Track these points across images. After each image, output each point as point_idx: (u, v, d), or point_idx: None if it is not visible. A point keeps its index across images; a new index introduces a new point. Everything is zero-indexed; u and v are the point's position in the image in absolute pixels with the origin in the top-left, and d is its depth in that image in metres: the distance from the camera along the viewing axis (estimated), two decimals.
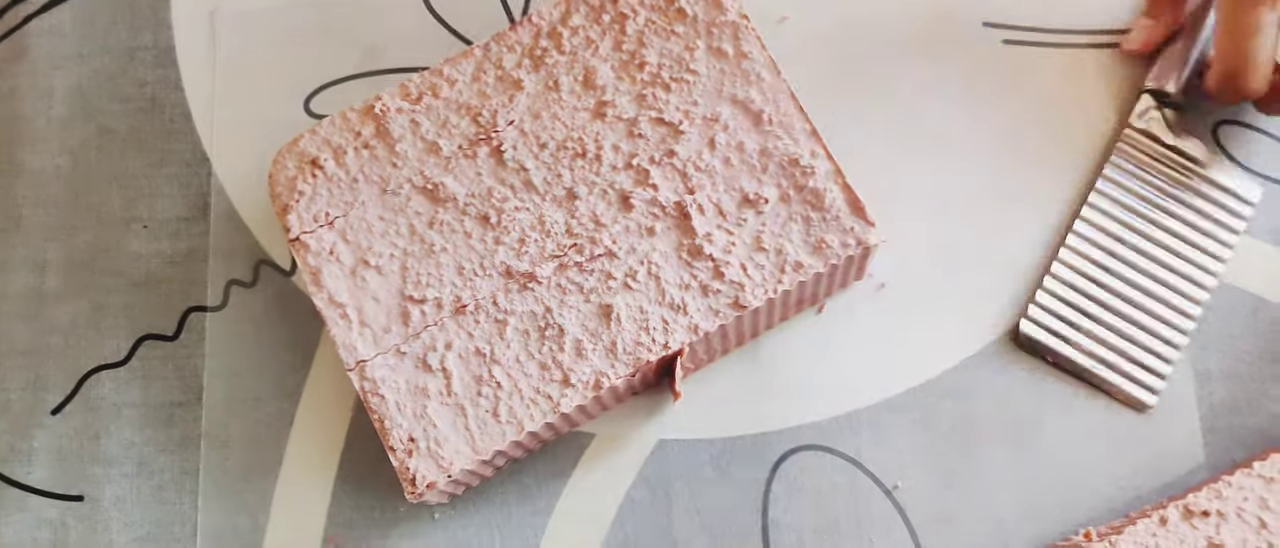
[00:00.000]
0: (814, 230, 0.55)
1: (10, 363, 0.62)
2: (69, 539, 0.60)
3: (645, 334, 0.54)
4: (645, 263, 0.55)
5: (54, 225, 0.64)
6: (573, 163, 0.57)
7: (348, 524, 0.59)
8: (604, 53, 0.58)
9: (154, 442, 0.61)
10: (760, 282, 0.55)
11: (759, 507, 0.58)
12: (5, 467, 0.61)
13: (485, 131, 0.57)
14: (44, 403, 0.61)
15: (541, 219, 0.56)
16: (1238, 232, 0.60)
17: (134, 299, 0.63)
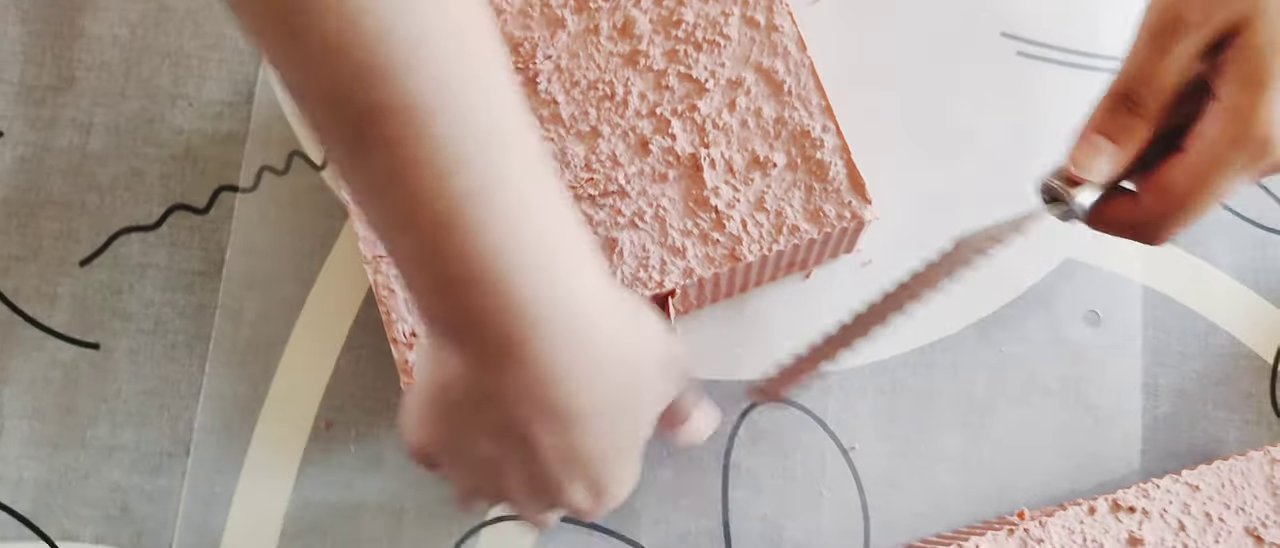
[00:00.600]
0: (814, 199, 0.59)
1: (46, 212, 0.66)
2: (80, 381, 0.64)
3: (644, 271, 0.58)
4: (654, 206, 0.59)
5: (105, 91, 0.67)
6: (600, 103, 0.61)
7: (340, 407, 0.63)
8: (645, 6, 0.62)
9: (172, 305, 0.65)
10: (757, 239, 0.59)
11: (723, 448, 0.62)
12: (29, 307, 0.65)
13: (524, 62, 0.61)
14: (73, 254, 0.65)
15: (564, 151, 0.60)
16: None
17: (171, 170, 0.66)
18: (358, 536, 0.61)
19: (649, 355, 0.46)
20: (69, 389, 0.63)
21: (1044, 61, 0.68)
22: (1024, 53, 0.68)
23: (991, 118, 0.67)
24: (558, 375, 0.42)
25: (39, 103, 0.67)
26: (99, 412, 0.63)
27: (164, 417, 0.63)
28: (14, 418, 0.63)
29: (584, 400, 0.43)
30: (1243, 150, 0.44)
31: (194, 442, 0.63)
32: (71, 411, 0.63)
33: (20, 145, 0.67)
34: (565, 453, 0.44)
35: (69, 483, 0.62)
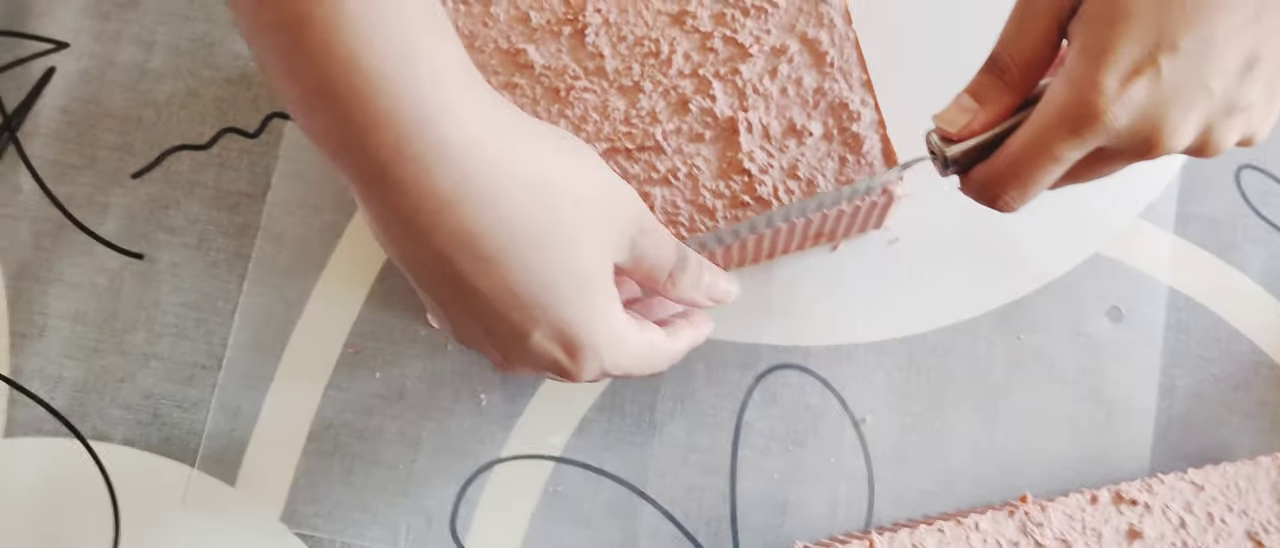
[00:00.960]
0: (847, 171, 0.60)
1: (104, 124, 0.68)
2: (123, 289, 0.66)
3: (671, 226, 0.59)
4: (688, 164, 0.60)
5: (169, 10, 0.69)
6: (645, 60, 0.62)
7: (369, 335, 0.65)
8: None
9: (216, 222, 0.67)
10: (787, 204, 0.60)
11: (737, 408, 0.64)
12: (81, 213, 0.67)
13: (573, 14, 0.62)
14: (127, 166, 0.67)
15: (605, 104, 0.61)
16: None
17: (226, 93, 0.68)
18: (375, 461, 0.63)
19: (568, 179, 0.45)
20: (112, 296, 0.66)
21: None
22: None
23: None
24: (444, 196, 0.41)
25: (105, 17, 0.69)
26: (138, 320, 0.65)
27: (200, 330, 0.65)
28: (57, 318, 0.65)
29: (487, 224, 0.42)
30: (1072, 115, 0.45)
31: (227, 357, 0.65)
32: (113, 316, 0.65)
33: (84, 57, 0.69)
34: (499, 292, 0.44)
35: (105, 386, 0.65)
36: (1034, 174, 0.47)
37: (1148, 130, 0.45)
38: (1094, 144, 0.46)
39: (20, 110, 0.68)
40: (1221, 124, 0.46)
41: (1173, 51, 0.43)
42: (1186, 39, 0.43)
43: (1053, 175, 0.47)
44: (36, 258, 0.66)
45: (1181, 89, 0.44)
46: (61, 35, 0.69)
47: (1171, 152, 0.46)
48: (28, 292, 0.66)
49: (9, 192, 0.67)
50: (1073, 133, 0.45)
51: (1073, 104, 0.45)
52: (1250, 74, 0.44)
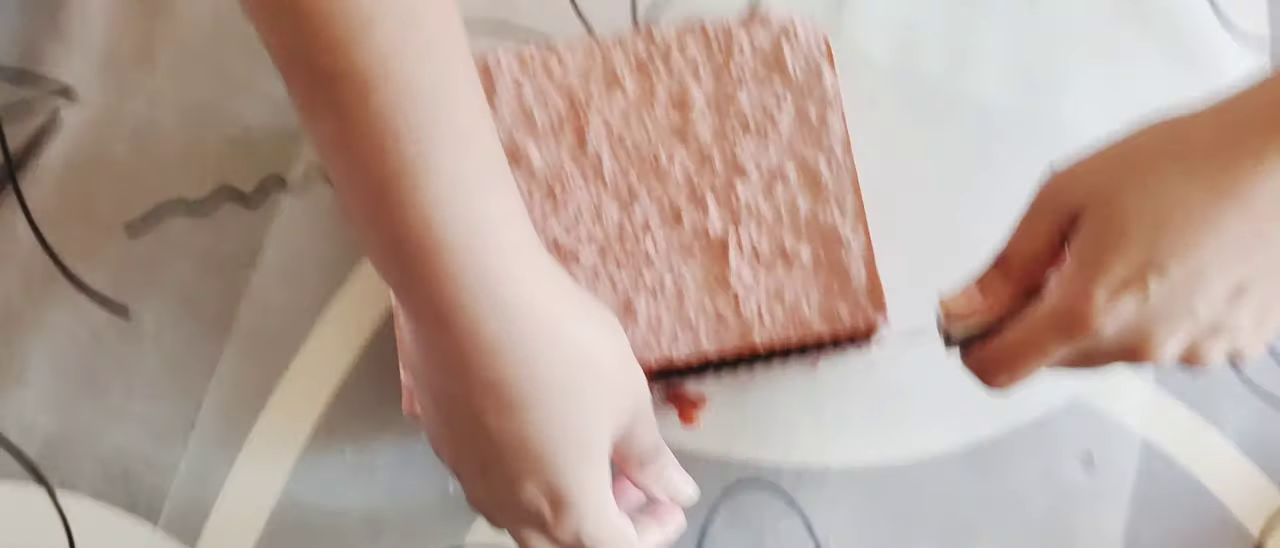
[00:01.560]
0: (831, 299, 0.61)
1: (104, 176, 0.68)
2: (106, 344, 0.66)
3: (654, 338, 0.60)
4: (675, 277, 0.61)
5: (180, 69, 0.70)
6: (643, 168, 0.62)
7: (343, 412, 0.65)
8: (704, 82, 0.64)
9: (204, 285, 0.67)
10: (769, 328, 0.60)
11: (701, 521, 0.64)
12: (72, 264, 0.67)
13: (577, 116, 0.63)
14: (122, 220, 0.68)
15: (599, 208, 0.62)
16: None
17: (227, 156, 0.69)
18: (337, 539, 0.63)
19: (598, 352, 0.47)
20: (93, 349, 0.66)
21: None
22: None
23: None
24: (489, 347, 0.44)
25: (117, 70, 0.70)
26: (117, 376, 0.66)
27: (177, 391, 0.65)
28: (38, 367, 0.66)
29: (521, 378, 0.45)
30: (1062, 320, 0.47)
31: (199, 420, 0.65)
32: (92, 370, 0.66)
33: (91, 108, 0.69)
34: (511, 439, 0.46)
35: (77, 438, 0.65)
36: (1024, 364, 0.49)
37: (1133, 342, 0.47)
38: (1082, 348, 0.48)
39: (23, 154, 0.69)
40: (1207, 343, 0.47)
41: (1162, 275, 0.45)
42: (1176, 265, 0.45)
43: (1040, 367, 0.49)
44: (24, 304, 0.66)
45: (1168, 310, 0.46)
46: (72, 83, 0.70)
47: (1157, 362, 0.48)
48: (11, 337, 0.66)
49: (4, 235, 0.67)
50: (1062, 335, 0.47)
51: (1064, 311, 0.47)
52: (1238, 301, 0.46)
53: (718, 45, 0.64)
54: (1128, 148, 0.48)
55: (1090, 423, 0.66)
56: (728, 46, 0.64)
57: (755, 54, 0.64)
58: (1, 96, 0.69)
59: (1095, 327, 0.46)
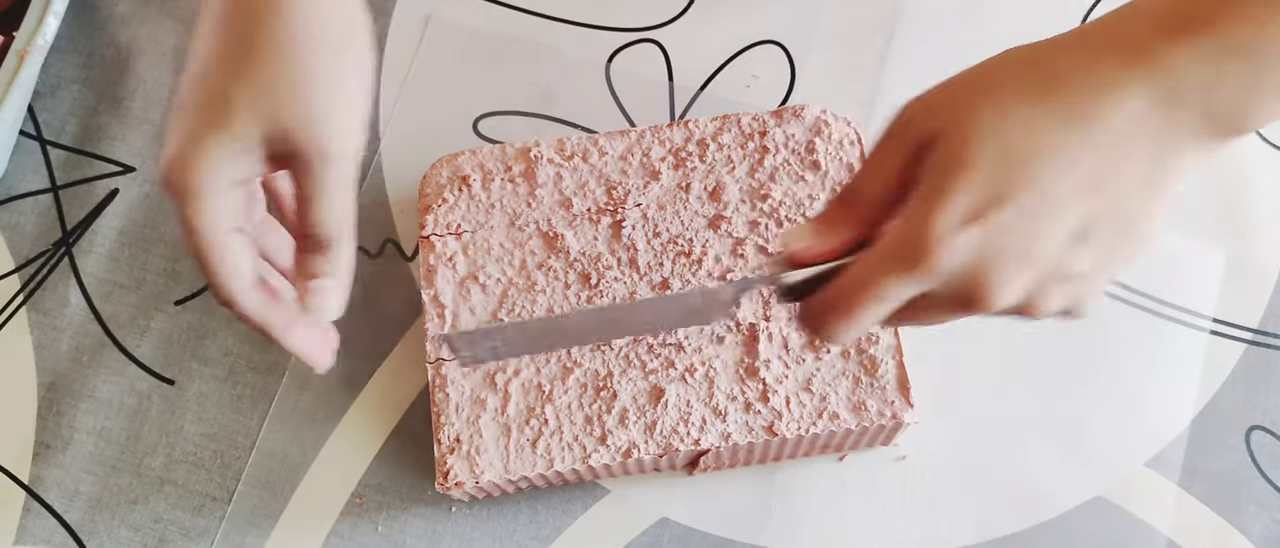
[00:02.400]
0: (859, 391, 0.62)
1: (156, 249, 0.71)
2: (149, 413, 0.68)
3: (684, 425, 0.61)
4: (706, 365, 0.62)
5: None
6: (676, 258, 0.64)
7: (377, 488, 0.66)
8: (738, 175, 0.65)
9: (247, 358, 0.69)
10: (797, 417, 0.61)
11: None
12: (121, 333, 0.69)
13: (614, 205, 0.65)
14: (171, 292, 0.70)
15: (633, 295, 0.63)
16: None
17: None
18: None
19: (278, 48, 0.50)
20: (138, 417, 0.68)
21: (1115, 299, 0.69)
22: None
23: (1050, 342, 0.68)
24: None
25: None
26: (160, 444, 0.67)
27: (217, 462, 0.67)
28: (83, 433, 0.67)
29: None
30: (901, 253, 0.44)
31: (238, 491, 0.66)
32: (136, 438, 0.67)
33: (147, 183, 0.72)
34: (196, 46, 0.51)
35: (118, 504, 0.66)
36: (860, 306, 0.46)
37: (972, 280, 0.44)
38: (920, 284, 0.44)
39: (80, 227, 0.71)
40: (1047, 288, 0.45)
41: (1006, 207, 0.43)
42: (1021, 198, 0.43)
43: (878, 312, 0.46)
44: (72, 371, 0.68)
45: (1011, 245, 0.43)
46: (130, 159, 0.72)
47: (994, 307, 0.45)
48: (59, 403, 0.68)
49: (57, 304, 0.70)
50: (901, 269, 0.44)
51: (904, 241, 0.44)
52: (1082, 244, 0.44)
53: (753, 138, 0.66)
54: (982, 73, 0.46)
55: (1115, 522, 0.66)
56: (762, 140, 0.66)
57: (789, 147, 0.66)
58: (61, 170, 0.72)
59: (935, 260, 0.43)
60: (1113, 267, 0.46)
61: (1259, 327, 0.69)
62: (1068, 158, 0.43)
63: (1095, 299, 0.47)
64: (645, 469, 0.65)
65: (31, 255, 0.71)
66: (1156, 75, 0.43)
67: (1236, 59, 0.42)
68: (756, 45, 0.74)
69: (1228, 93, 0.43)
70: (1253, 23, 0.42)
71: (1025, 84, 0.44)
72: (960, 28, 0.74)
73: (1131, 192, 0.44)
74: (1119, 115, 0.43)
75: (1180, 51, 0.42)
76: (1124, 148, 0.43)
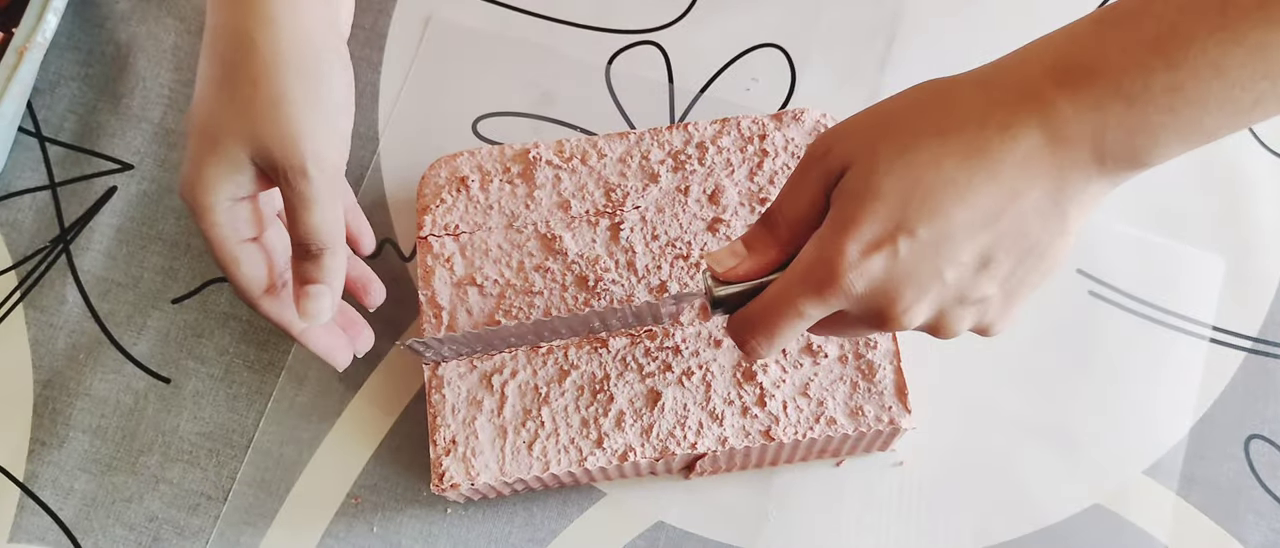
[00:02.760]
0: (857, 396, 0.61)
1: (154, 247, 0.71)
2: (145, 411, 0.68)
3: (680, 429, 0.61)
4: (703, 369, 0.62)
5: None
6: (674, 261, 0.64)
7: (372, 488, 0.66)
8: (737, 178, 0.65)
9: (244, 357, 0.69)
10: (794, 422, 0.61)
11: None
12: (118, 331, 0.69)
13: (613, 207, 0.65)
14: (169, 291, 0.70)
15: (631, 298, 0.63)
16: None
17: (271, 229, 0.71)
18: None
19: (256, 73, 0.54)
20: (134, 416, 0.68)
21: (1115, 305, 0.69)
22: (1096, 293, 0.70)
23: (1049, 349, 0.68)
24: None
25: (171, 146, 0.72)
26: (155, 443, 0.67)
27: (212, 460, 0.67)
28: (78, 431, 0.67)
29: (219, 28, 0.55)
30: (814, 276, 0.48)
31: (233, 491, 0.66)
32: (131, 436, 0.67)
33: (145, 181, 0.72)
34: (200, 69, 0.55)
35: (113, 503, 0.66)
36: (779, 324, 0.50)
37: (882, 302, 0.48)
38: (833, 305, 0.48)
39: (77, 224, 0.71)
40: (954, 311, 0.49)
41: (911, 236, 0.46)
42: (924, 228, 0.46)
43: (797, 329, 0.50)
44: (69, 369, 0.68)
45: (916, 271, 0.47)
46: (128, 157, 0.72)
47: (904, 327, 0.48)
48: (55, 401, 0.68)
49: (54, 301, 0.70)
50: (815, 292, 0.48)
51: (817, 265, 0.48)
52: (985, 271, 0.47)
53: (752, 142, 0.66)
54: (892, 108, 0.49)
55: (1113, 531, 0.65)
56: (762, 143, 0.66)
57: (789, 151, 0.65)
58: (60, 167, 0.72)
59: (845, 284, 0.47)
60: (1019, 292, 0.49)
61: (1259, 335, 0.69)
62: (968, 191, 0.46)
63: (1005, 321, 0.50)
64: (641, 473, 0.65)
65: (29, 252, 0.71)
66: (1047, 119, 0.46)
67: (1120, 104, 0.45)
68: (757, 48, 0.74)
69: (1115, 134, 0.45)
70: (1136, 71, 0.44)
71: (930, 120, 0.47)
72: (960, 32, 0.74)
73: (1030, 222, 0.47)
74: (1014, 154, 0.46)
75: (1067, 96, 0.45)
76: (1019, 183, 0.46)
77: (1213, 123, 0.45)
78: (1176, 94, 0.44)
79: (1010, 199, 0.46)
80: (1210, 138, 0.46)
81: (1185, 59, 0.44)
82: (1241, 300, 0.69)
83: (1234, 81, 0.44)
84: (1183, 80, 0.44)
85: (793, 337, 0.50)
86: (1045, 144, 0.46)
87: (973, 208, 0.46)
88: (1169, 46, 0.44)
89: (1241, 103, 0.44)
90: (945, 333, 0.50)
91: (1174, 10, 0.44)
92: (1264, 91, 0.44)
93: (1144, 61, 0.44)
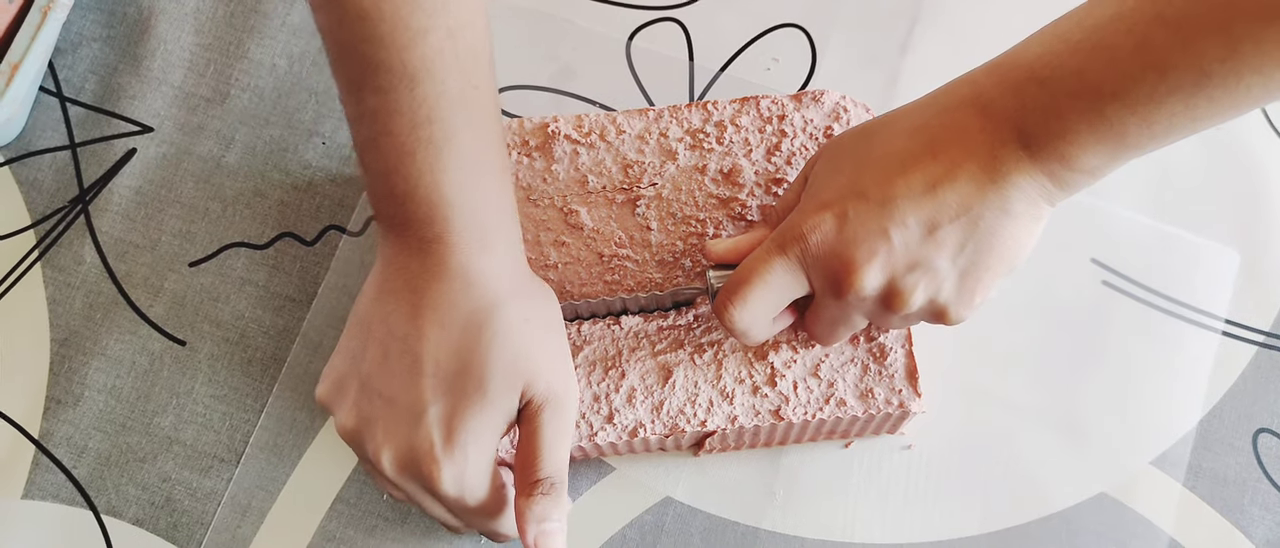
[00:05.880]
0: (867, 379, 0.62)
1: (172, 210, 0.71)
2: (160, 373, 0.68)
3: (690, 406, 0.61)
4: (715, 347, 0.62)
5: (252, 112, 0.73)
6: (689, 238, 0.64)
7: None
8: (755, 158, 0.65)
9: (259, 322, 0.69)
10: (804, 402, 0.61)
11: None
12: (134, 293, 0.70)
13: (630, 184, 0.65)
14: (186, 254, 0.70)
15: (644, 274, 0.63)
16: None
17: (290, 198, 0.71)
18: None
19: (523, 327, 0.55)
20: (149, 377, 0.68)
21: (1128, 295, 0.69)
22: (1110, 283, 0.70)
23: (1061, 338, 0.68)
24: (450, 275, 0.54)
25: (192, 109, 0.73)
26: (169, 404, 0.68)
27: (225, 424, 0.67)
28: (94, 390, 0.68)
29: (460, 304, 0.54)
30: (781, 236, 0.55)
31: (246, 454, 0.67)
32: (146, 397, 0.68)
33: (165, 144, 0.72)
34: (430, 359, 0.54)
35: (126, 463, 0.67)
36: (749, 283, 0.56)
37: (836, 264, 0.54)
38: (792, 265, 0.55)
39: (97, 185, 0.71)
40: (905, 278, 0.54)
41: (860, 200, 0.53)
42: (872, 190, 0.53)
43: (765, 297, 0.56)
44: (85, 329, 0.69)
45: (864, 230, 0.53)
46: (148, 120, 0.73)
47: (861, 289, 0.54)
48: (71, 360, 0.68)
49: (72, 261, 0.70)
50: (778, 248, 0.55)
51: (785, 228, 0.55)
52: (931, 238, 0.53)
53: (771, 122, 0.66)
54: (868, 121, 0.58)
55: (1118, 519, 0.66)
56: (780, 123, 0.66)
57: (807, 132, 0.66)
58: (80, 127, 0.72)
59: (803, 239, 0.54)
60: (974, 275, 0.54)
61: (1271, 329, 0.69)
62: (908, 159, 0.53)
63: (963, 306, 0.55)
64: (651, 449, 0.65)
65: (48, 212, 0.71)
66: (976, 98, 0.53)
67: (1034, 85, 0.51)
68: (778, 28, 0.74)
69: (1032, 116, 0.51)
70: (1048, 57, 0.51)
71: (889, 117, 0.56)
72: (982, 17, 0.73)
73: (968, 193, 0.52)
74: (948, 129, 0.53)
75: (993, 79, 0.53)
76: (956, 154, 0.52)
77: (1123, 120, 0.49)
78: (1080, 77, 0.49)
79: (947, 169, 0.52)
80: (1133, 145, 0.50)
81: (1094, 51, 0.49)
82: (1255, 294, 0.69)
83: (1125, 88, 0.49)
84: (1083, 64, 0.49)
85: (763, 308, 0.56)
86: (975, 118, 0.52)
87: (913, 173, 0.53)
88: (1079, 42, 0.50)
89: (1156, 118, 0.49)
90: (900, 303, 0.54)
91: (1089, 27, 0.50)
92: (1176, 111, 0.49)
93: (1054, 48, 0.50)
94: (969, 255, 0.54)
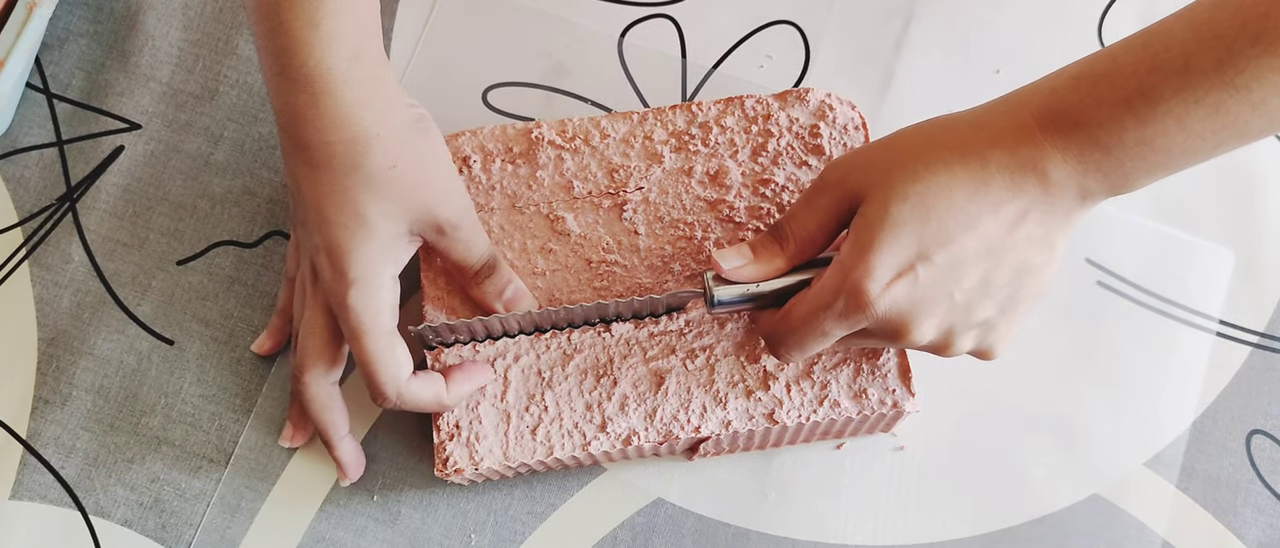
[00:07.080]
0: (861, 379, 0.61)
1: (160, 208, 0.71)
2: (148, 372, 0.68)
3: (683, 412, 0.61)
4: (707, 351, 0.62)
5: (240, 109, 0.72)
6: (677, 242, 0.63)
7: (374, 457, 0.66)
8: (741, 158, 0.65)
9: (248, 321, 0.69)
10: (797, 405, 0.61)
11: None
12: (123, 292, 0.69)
13: (616, 188, 0.64)
14: (174, 252, 0.70)
15: (633, 279, 0.63)
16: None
17: (280, 197, 0.71)
18: None
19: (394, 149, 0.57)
20: (137, 377, 0.68)
21: (1122, 296, 0.69)
22: (1104, 284, 0.69)
23: (1055, 338, 0.68)
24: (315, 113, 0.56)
25: (180, 106, 0.72)
26: (158, 404, 0.67)
27: (214, 424, 0.67)
28: (82, 390, 0.68)
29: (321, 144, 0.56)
30: (840, 297, 0.53)
31: (235, 454, 0.67)
32: (134, 397, 0.68)
33: (153, 141, 0.72)
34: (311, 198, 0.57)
35: (114, 463, 0.67)
36: (807, 341, 0.55)
37: (899, 322, 0.53)
38: (859, 326, 0.53)
39: (84, 183, 0.71)
40: (958, 331, 0.54)
41: (928, 263, 0.52)
42: (939, 255, 0.52)
43: (822, 344, 0.55)
44: (73, 328, 0.69)
45: (932, 293, 0.53)
46: (136, 117, 0.72)
47: (914, 344, 0.54)
48: (58, 359, 0.68)
49: (59, 260, 0.70)
50: (843, 316, 0.53)
51: (847, 290, 0.53)
52: (985, 293, 0.53)
53: (757, 122, 0.65)
54: (900, 142, 0.55)
55: (1110, 521, 0.66)
56: (766, 123, 0.65)
57: (793, 131, 0.65)
58: (67, 124, 0.72)
59: (873, 310, 0.52)
60: (1014, 312, 0.55)
61: (1265, 330, 0.68)
62: (976, 221, 0.52)
63: (1003, 344, 0.56)
64: (645, 455, 0.65)
65: (35, 210, 0.71)
66: (1038, 164, 0.52)
67: (1098, 153, 0.51)
68: (772, 25, 0.73)
69: (1094, 177, 0.52)
70: (1111, 125, 0.50)
71: (938, 154, 0.53)
72: (976, 18, 0.73)
73: (1024, 249, 0.53)
74: (1011, 193, 0.52)
75: (1054, 142, 0.51)
76: (1017, 217, 0.52)
77: (1179, 163, 0.51)
78: (1146, 146, 0.50)
79: (1008, 230, 0.52)
80: (1179, 169, 0.52)
81: (1152, 116, 0.49)
82: (1250, 295, 0.69)
83: (1195, 133, 0.50)
84: (1152, 136, 0.50)
85: (817, 349, 0.55)
86: (1037, 184, 0.52)
87: (979, 236, 0.52)
88: (1138, 105, 0.50)
89: (1202, 149, 0.50)
90: (948, 352, 0.55)
91: (1144, 70, 0.49)
92: (1223, 138, 0.50)
93: (1118, 118, 0.50)
94: (1014, 298, 0.54)
